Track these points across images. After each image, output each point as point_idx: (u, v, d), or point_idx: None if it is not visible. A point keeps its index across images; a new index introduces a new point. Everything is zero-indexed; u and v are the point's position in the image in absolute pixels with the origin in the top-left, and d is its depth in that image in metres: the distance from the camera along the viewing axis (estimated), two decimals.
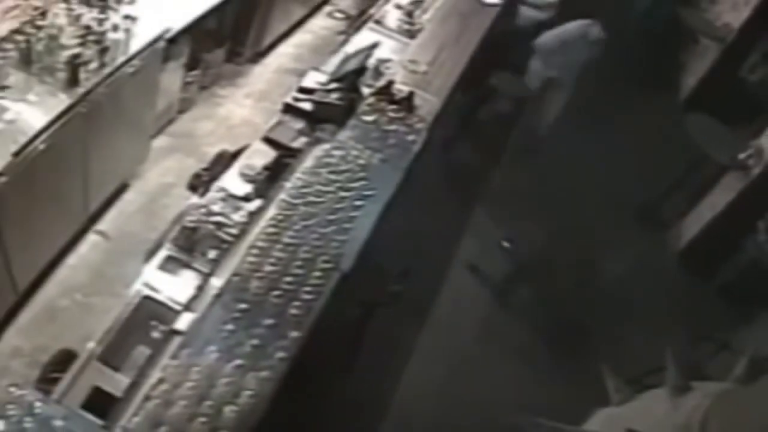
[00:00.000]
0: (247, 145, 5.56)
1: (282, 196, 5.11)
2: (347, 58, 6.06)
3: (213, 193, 5.00)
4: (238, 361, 4.08)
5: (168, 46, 6.11)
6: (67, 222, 5.87)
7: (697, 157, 8.19)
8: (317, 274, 4.68)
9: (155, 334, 4.24)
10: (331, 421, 5.56)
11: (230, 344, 4.14)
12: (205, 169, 5.50)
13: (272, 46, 9.01)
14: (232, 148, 5.72)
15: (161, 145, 7.15)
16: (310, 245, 4.83)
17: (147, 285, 4.34)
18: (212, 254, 4.60)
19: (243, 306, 4.35)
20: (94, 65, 5.21)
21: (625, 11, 10.83)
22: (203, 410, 3.83)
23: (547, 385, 6.32)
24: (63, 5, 5.22)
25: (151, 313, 4.28)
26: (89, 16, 5.29)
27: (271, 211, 4.98)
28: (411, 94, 6.28)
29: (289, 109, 5.87)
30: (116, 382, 3.90)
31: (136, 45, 5.56)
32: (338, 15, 9.78)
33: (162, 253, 4.53)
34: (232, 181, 5.13)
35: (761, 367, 4.07)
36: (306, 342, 4.34)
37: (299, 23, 9.48)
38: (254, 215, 4.93)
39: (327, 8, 9.97)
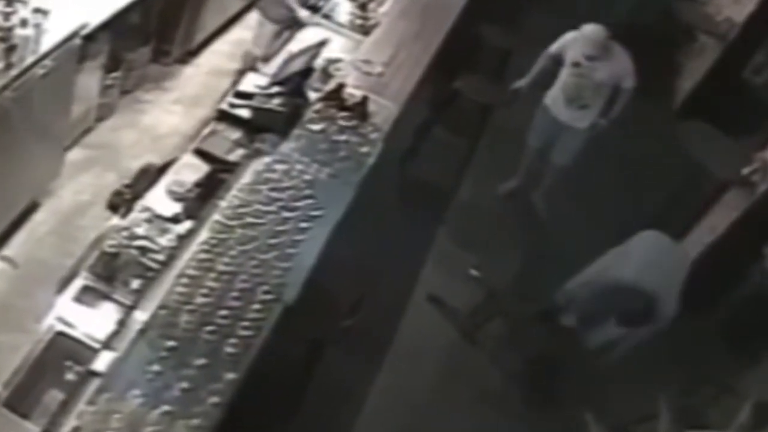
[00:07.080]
0: (175, 158, 5.65)
1: (216, 216, 5.19)
2: (291, 58, 6.16)
3: (136, 214, 5.08)
4: (166, 407, 4.12)
5: (84, 43, 6.15)
6: None
7: (695, 172, 8.32)
8: (256, 306, 4.76)
9: (70, 376, 4.28)
10: None
11: (156, 388, 4.19)
12: (127, 186, 5.46)
13: (205, 44, 9.06)
14: (158, 161, 5.74)
15: (77, 157, 7.14)
16: (248, 274, 4.91)
17: (60, 319, 4.38)
18: (135, 284, 4.67)
19: (171, 344, 4.40)
20: None
21: (613, 5, 10.92)
22: None
23: None
24: None
25: (65, 351, 4.32)
26: None
27: (204, 235, 5.06)
28: (365, 100, 6.39)
29: (224, 116, 5.98)
30: None
31: (47, 43, 5.59)
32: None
33: (78, 283, 4.60)
34: (159, 200, 5.21)
35: None
36: (243, 385, 4.41)
37: (236, 17, 9.49)
38: (184, 239, 5.01)
39: None
